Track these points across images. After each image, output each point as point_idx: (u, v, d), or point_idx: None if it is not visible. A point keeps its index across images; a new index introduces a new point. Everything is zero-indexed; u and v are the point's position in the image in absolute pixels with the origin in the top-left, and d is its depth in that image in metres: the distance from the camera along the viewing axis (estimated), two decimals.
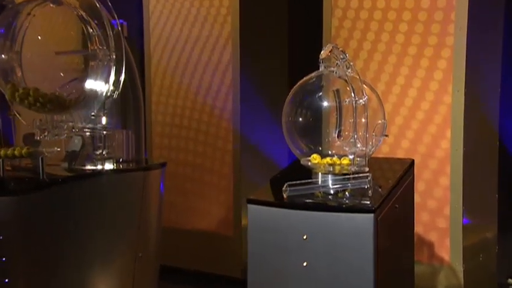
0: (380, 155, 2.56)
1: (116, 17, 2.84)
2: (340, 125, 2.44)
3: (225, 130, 4.16)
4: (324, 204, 2.22)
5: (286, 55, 4.39)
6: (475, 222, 3.48)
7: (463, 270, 3.37)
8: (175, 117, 4.40)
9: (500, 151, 3.69)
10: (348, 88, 2.34)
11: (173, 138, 4.42)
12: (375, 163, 2.45)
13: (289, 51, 4.40)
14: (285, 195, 2.26)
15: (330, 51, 2.34)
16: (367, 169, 2.26)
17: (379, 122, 2.36)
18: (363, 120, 2.33)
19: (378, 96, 2.39)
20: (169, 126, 4.44)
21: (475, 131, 3.45)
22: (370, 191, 2.19)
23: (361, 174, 2.24)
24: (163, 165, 2.90)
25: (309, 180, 2.31)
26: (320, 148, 2.43)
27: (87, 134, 2.81)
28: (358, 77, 2.31)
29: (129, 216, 2.75)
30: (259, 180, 4.10)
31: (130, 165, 2.86)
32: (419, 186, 3.41)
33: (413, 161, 2.55)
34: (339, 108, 2.44)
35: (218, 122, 4.19)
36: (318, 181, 2.33)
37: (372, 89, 2.39)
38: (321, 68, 2.40)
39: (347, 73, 2.30)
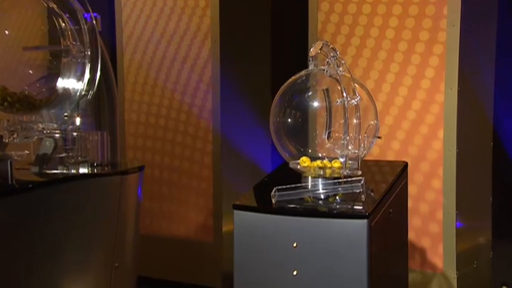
0: (370, 158, 2.62)
1: (90, 9, 2.85)
2: (330, 126, 2.50)
3: (204, 130, 4.19)
4: (315, 210, 2.27)
5: (270, 51, 4.44)
6: (468, 227, 3.56)
7: (457, 278, 3.45)
8: (151, 116, 4.42)
9: (494, 152, 3.78)
10: (338, 88, 2.39)
11: (148, 138, 4.44)
12: (367, 166, 2.51)
13: (273, 47, 4.45)
14: (273, 201, 2.30)
15: (320, 49, 2.38)
16: (359, 172, 2.31)
17: (372, 123, 2.42)
18: (355, 121, 2.38)
19: (370, 95, 2.45)
20: (144, 126, 4.45)
21: (469, 131, 3.54)
22: (363, 196, 2.25)
23: (353, 178, 2.29)
24: (141, 168, 2.92)
25: (299, 185, 2.35)
26: (310, 150, 2.48)
27: (59, 136, 2.82)
28: (349, 76, 2.37)
29: (105, 224, 2.76)
30: (241, 183, 4.14)
31: (106, 168, 2.87)
32: (411, 189, 3.48)
33: (406, 163, 2.61)
34: (329, 109, 2.49)
35: (197, 121, 4.22)
36: (308, 185, 2.38)
37: (364, 88, 2.45)
38: (311, 66, 2.45)
39: (338, 72, 2.35)
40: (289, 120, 2.46)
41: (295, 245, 2.21)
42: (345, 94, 2.30)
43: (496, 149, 3.80)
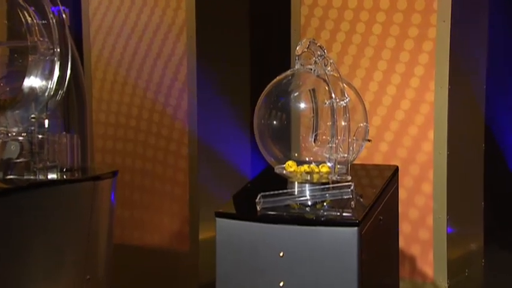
0: (357, 161, 2.69)
1: (59, 2, 2.86)
2: (316, 129, 2.54)
3: (179, 132, 4.22)
4: (302, 217, 2.31)
5: (249, 47, 4.48)
6: (460, 233, 3.64)
7: (448, 287, 3.53)
8: (121, 117, 4.43)
9: (486, 154, 3.87)
10: (326, 88, 2.44)
11: (118, 140, 4.45)
12: (354, 170, 2.56)
13: (253, 42, 4.49)
14: (258, 207, 2.34)
15: (306, 47, 2.43)
16: (349, 178, 2.36)
17: (361, 125, 2.47)
18: (343, 123, 2.43)
19: (358, 96, 2.50)
20: (114, 127, 4.46)
21: (460, 132, 3.62)
22: (352, 202, 2.30)
23: (342, 184, 2.34)
24: (114, 173, 2.94)
25: (285, 191, 2.40)
26: (296, 154, 2.52)
27: (25, 139, 2.82)
28: (338, 76, 2.42)
29: (76, 234, 2.78)
30: (219, 188, 4.18)
31: (77, 174, 2.89)
32: (400, 194, 3.54)
33: (397, 168, 2.67)
34: (315, 110, 2.54)
35: (171, 122, 4.24)
36: (295, 191, 2.42)
37: (352, 89, 2.50)
38: (297, 66, 2.49)
39: (326, 71, 2.40)
40: (275, 122, 2.50)
41: (281, 254, 2.25)
42: (333, 95, 2.35)
43: (489, 151, 3.89)
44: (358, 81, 3.71)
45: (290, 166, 2.48)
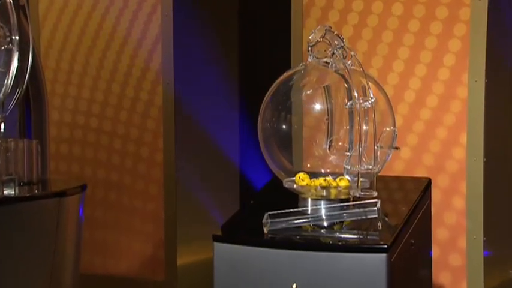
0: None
1: None
2: (331, 134, 2.66)
3: (152, 134, 4.31)
4: (319, 242, 2.43)
5: (237, 29, 4.57)
6: (498, 257, 3.76)
7: None
8: (78, 115, 4.51)
9: None
10: (345, 85, 2.56)
11: (75, 144, 4.52)
12: (378, 183, 2.67)
13: (243, 22, 4.57)
14: (265, 230, 2.45)
15: (321, 36, 2.55)
16: (374, 193, 2.49)
17: (387, 129, 2.60)
18: (364, 127, 2.55)
19: (385, 95, 2.63)
20: (69, 128, 4.53)
21: (500, 135, 3.73)
22: (379, 223, 2.42)
23: (366, 201, 2.46)
24: (83, 188, 3.04)
25: (296, 209, 2.51)
26: (308, 165, 2.64)
27: None
28: (361, 71, 2.54)
29: (39, 259, 2.86)
30: (202, 204, 4.28)
31: (37, 189, 2.98)
32: None
33: (429, 181, 2.80)
34: (330, 111, 2.66)
35: (142, 122, 4.33)
36: (308, 210, 2.54)
37: (378, 87, 2.62)
38: (310, 59, 2.61)
39: (346, 66, 2.52)
40: (284, 126, 2.61)
41: (294, 286, 2.37)
42: (356, 94, 2.47)
43: None
44: (374, 72, 3.81)
45: (302, 179, 2.60)
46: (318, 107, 2.66)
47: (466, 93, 3.67)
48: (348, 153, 2.64)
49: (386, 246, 2.32)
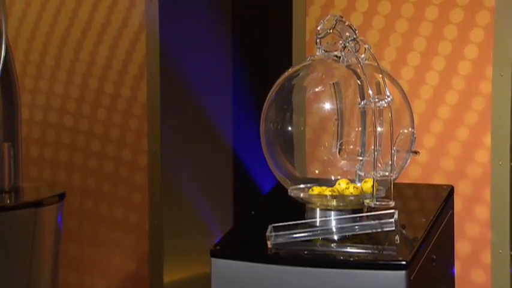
0: None
1: None
2: (341, 136, 2.72)
3: (135, 134, 4.35)
4: (330, 258, 2.48)
5: (231, 14, 4.61)
6: None
7: None
8: (51, 113, 4.54)
9: None
10: (358, 82, 2.62)
11: (47, 146, 4.56)
12: (393, 192, 2.72)
13: (238, 9, 4.62)
14: (269, 243, 2.50)
15: (331, 28, 2.61)
16: (391, 203, 2.54)
17: (405, 131, 2.66)
18: (379, 129, 2.60)
19: (403, 93, 2.69)
20: (40, 127, 4.57)
21: None
22: (397, 236, 2.48)
23: (382, 212, 2.52)
24: (61, 196, 3.09)
25: (304, 221, 2.57)
26: (316, 171, 2.70)
27: None
28: (376, 66, 2.60)
29: (13, 274, 2.91)
30: (194, 212, 4.32)
31: (8, 198, 3.02)
32: None
33: (452, 188, 2.86)
34: (340, 111, 2.71)
35: (124, 121, 4.37)
36: (316, 222, 2.59)
37: (395, 83, 2.68)
38: (319, 52, 2.67)
39: (360, 60, 2.58)
40: (289, 128, 2.67)
41: None
42: (370, 92, 2.53)
43: None
44: (387, 66, 3.86)
45: (312, 189, 2.65)
46: (326, 106, 2.71)
47: (490, 89, 3.72)
48: (360, 158, 2.70)
49: (405, 262, 2.36)
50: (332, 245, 2.55)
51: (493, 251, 3.72)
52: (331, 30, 2.64)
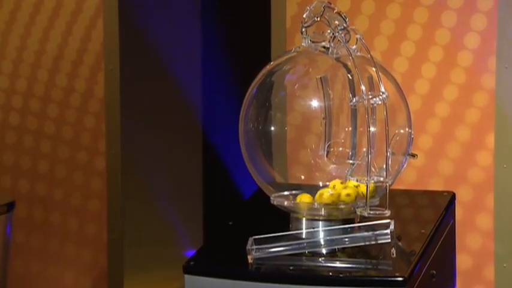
0: None
1: None
2: (329, 137, 2.77)
3: (91, 134, 4.38)
4: (317, 274, 2.52)
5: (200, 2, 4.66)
6: None
7: None
8: None
9: None
10: (349, 76, 2.67)
11: None
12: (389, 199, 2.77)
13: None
14: (250, 258, 2.54)
15: (319, 15, 2.66)
16: (387, 212, 2.60)
17: (401, 131, 2.71)
18: (372, 129, 2.65)
19: (399, 89, 2.74)
20: None
21: None
22: (393, 249, 2.53)
23: (376, 222, 2.57)
24: (10, 206, 3.12)
25: (288, 233, 2.61)
26: (302, 177, 2.75)
27: None
28: (369, 58, 2.65)
29: None
30: (159, 222, 4.35)
31: None
32: None
33: (453, 195, 2.92)
34: (328, 109, 2.76)
35: (78, 118, 4.40)
36: (302, 233, 2.64)
37: (390, 78, 2.73)
38: (305, 43, 2.71)
39: (351, 52, 2.64)
40: (272, 129, 2.72)
41: None
42: (363, 88, 2.58)
43: None
44: (377, 56, 3.91)
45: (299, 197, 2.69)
46: (313, 103, 2.75)
47: (493, 83, 3.79)
48: (351, 162, 2.75)
49: (402, 278, 2.40)
50: (320, 259, 2.59)
51: (497, 265, 3.78)
52: (318, 19, 2.68)
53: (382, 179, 2.62)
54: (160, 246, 4.44)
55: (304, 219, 2.67)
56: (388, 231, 2.54)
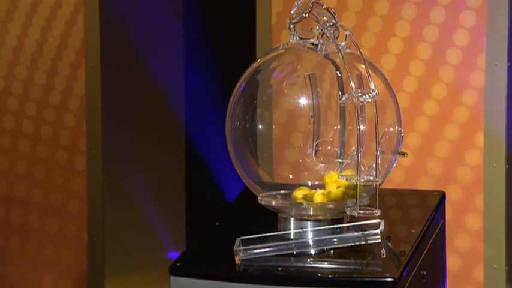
0: None
1: None
2: (318, 136, 2.79)
3: (71, 133, 4.39)
4: (305, 275, 2.55)
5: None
6: None
7: None
8: None
9: None
10: (338, 73, 2.70)
11: None
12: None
13: None
14: (237, 259, 2.56)
15: (307, 11, 2.68)
16: (377, 212, 2.62)
17: (391, 130, 2.74)
18: (361, 127, 2.67)
19: (388, 86, 2.77)
20: None
21: None
22: (383, 250, 2.56)
23: (366, 222, 2.59)
24: None
25: (276, 233, 2.63)
26: (290, 176, 2.77)
27: None
28: (358, 55, 2.68)
29: None
30: (141, 223, 4.37)
31: None
32: None
33: (443, 195, 2.95)
34: (316, 107, 2.78)
35: (58, 117, 4.40)
36: (290, 234, 2.67)
37: (379, 74, 2.76)
38: (293, 39, 2.74)
39: (340, 49, 2.66)
40: (260, 126, 2.74)
41: None
42: (353, 86, 2.61)
43: None
44: (364, 53, 3.92)
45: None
46: (301, 101, 2.77)
47: (483, 81, 3.82)
48: (340, 160, 2.77)
49: (392, 279, 2.43)
50: (309, 260, 2.62)
51: (486, 266, 3.81)
52: (306, 15, 2.71)
53: (372, 178, 2.64)
54: (142, 248, 4.45)
55: (292, 219, 2.69)
56: (378, 231, 2.57)
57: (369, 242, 2.59)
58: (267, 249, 2.60)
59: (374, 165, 2.65)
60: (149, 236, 4.50)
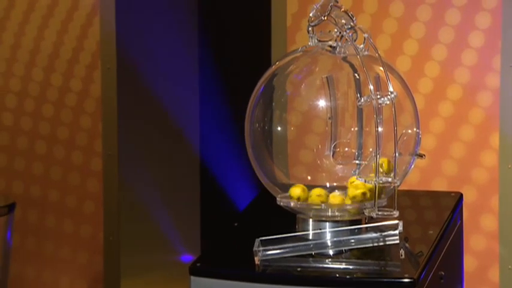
0: None
1: None
2: (335, 137, 2.82)
3: (87, 134, 4.42)
4: (326, 275, 2.57)
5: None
6: None
7: None
8: None
9: None
10: (357, 76, 2.72)
11: None
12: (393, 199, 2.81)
13: None
14: (256, 260, 2.58)
15: (326, 14, 2.71)
16: (395, 213, 2.64)
17: (409, 131, 2.76)
18: (379, 129, 2.69)
19: (407, 88, 2.80)
20: None
21: None
22: (401, 251, 2.58)
23: (385, 223, 2.62)
24: (11, 207, 3.15)
25: (295, 234, 2.66)
26: (309, 177, 2.80)
27: None
28: (377, 57, 2.70)
29: None
30: (156, 225, 4.38)
31: None
32: None
33: (461, 196, 2.97)
34: (333, 109, 2.81)
35: (74, 119, 4.43)
36: (309, 234, 2.69)
37: (397, 77, 2.79)
38: (311, 42, 2.76)
39: (359, 51, 2.69)
40: (279, 128, 2.76)
41: None
42: (371, 88, 2.63)
43: None
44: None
45: (295, 193, 2.73)
46: (319, 103, 2.80)
47: (498, 82, 3.83)
48: (357, 162, 2.80)
49: (411, 280, 2.45)
50: (327, 260, 2.64)
51: (502, 266, 3.82)
52: (325, 17, 2.73)
53: (390, 179, 2.66)
54: (157, 249, 4.47)
55: (311, 220, 2.72)
56: (396, 232, 2.59)
57: (387, 243, 2.61)
58: (285, 250, 2.62)
59: (394, 167, 2.67)
60: (163, 237, 4.51)
